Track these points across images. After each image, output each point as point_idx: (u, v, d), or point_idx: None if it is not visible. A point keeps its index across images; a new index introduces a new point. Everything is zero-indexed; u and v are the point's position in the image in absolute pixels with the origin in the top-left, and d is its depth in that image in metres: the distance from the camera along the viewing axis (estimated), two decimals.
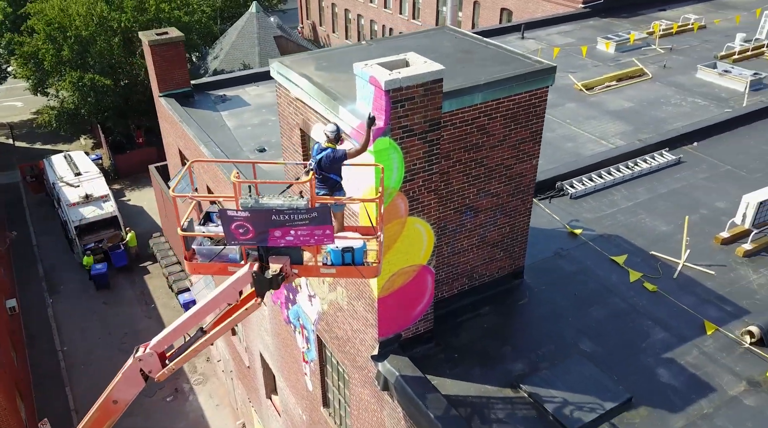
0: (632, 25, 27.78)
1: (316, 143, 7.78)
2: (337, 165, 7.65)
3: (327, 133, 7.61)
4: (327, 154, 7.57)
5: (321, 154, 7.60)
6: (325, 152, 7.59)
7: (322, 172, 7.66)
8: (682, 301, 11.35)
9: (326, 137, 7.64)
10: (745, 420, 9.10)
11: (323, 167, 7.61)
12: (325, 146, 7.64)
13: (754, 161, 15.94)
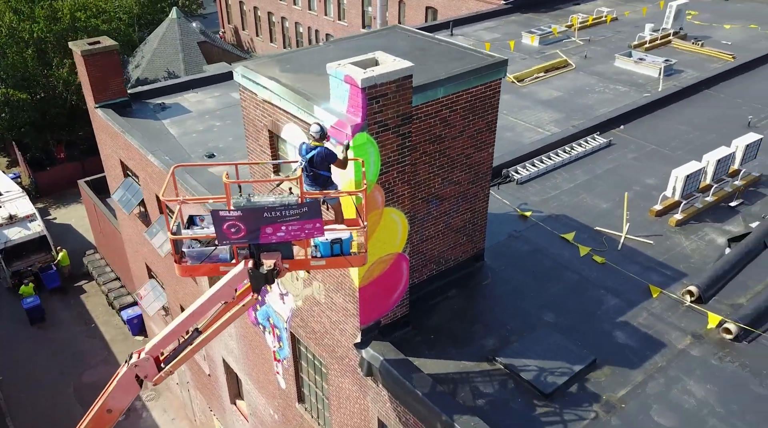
0: (551, 19, 29.34)
1: (303, 143, 8.09)
2: (327, 162, 8.00)
3: (313, 133, 7.93)
4: (318, 152, 7.90)
5: (311, 152, 7.93)
6: (316, 150, 7.92)
7: (312, 169, 7.98)
8: (628, 270, 12.40)
9: (313, 137, 7.96)
10: (693, 369, 10.16)
11: (315, 164, 7.94)
12: (313, 145, 7.97)
13: (674, 140, 17.43)
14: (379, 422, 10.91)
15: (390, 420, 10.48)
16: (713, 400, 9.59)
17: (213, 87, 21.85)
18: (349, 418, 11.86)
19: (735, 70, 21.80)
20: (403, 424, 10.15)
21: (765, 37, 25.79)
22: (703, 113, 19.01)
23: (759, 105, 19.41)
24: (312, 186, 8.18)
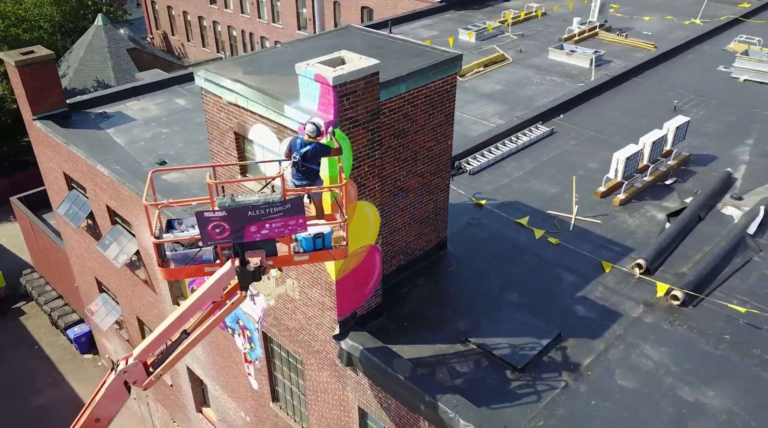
0: (484, 15, 30.34)
1: (297, 139, 8.29)
2: (319, 157, 8.26)
3: (309, 132, 8.16)
4: (313, 147, 8.14)
5: (306, 148, 8.16)
6: (310, 145, 8.16)
7: (305, 164, 8.21)
8: (581, 248, 13.20)
9: (308, 135, 8.18)
10: (648, 335, 11.00)
11: (308, 159, 8.17)
12: (308, 141, 8.20)
13: (610, 126, 18.52)
14: (359, 410, 11.23)
15: (371, 408, 10.82)
16: (668, 361, 10.43)
17: (156, 94, 21.51)
18: (328, 410, 12.12)
19: (658, 59, 23.28)
20: (384, 410, 10.51)
21: (681, 28, 27.59)
22: (633, 99, 20.25)
23: (682, 90, 20.84)
24: (302, 181, 8.41)
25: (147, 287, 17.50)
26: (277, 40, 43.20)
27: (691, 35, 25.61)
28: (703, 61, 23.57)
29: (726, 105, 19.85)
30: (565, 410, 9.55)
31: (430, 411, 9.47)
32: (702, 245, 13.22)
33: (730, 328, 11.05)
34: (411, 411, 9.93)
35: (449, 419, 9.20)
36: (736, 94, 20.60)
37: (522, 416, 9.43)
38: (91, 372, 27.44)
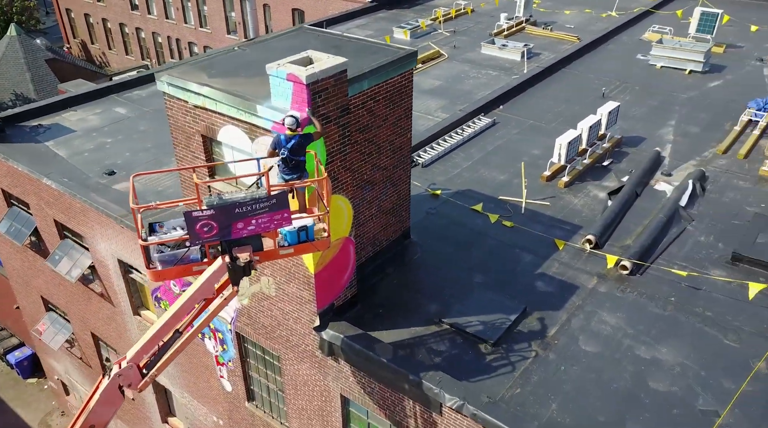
0: (415, 13, 31.15)
1: (280, 136, 8.54)
2: (304, 147, 8.56)
3: (289, 125, 8.43)
4: (297, 140, 8.42)
5: (291, 142, 8.42)
6: (294, 139, 8.44)
7: (293, 158, 8.49)
8: (534, 229, 14.05)
9: (290, 129, 8.45)
10: (604, 303, 11.91)
11: (295, 152, 8.45)
12: (291, 135, 8.47)
13: (546, 115, 19.61)
14: (341, 398, 11.59)
15: (354, 394, 11.21)
16: (624, 324, 11.35)
17: (93, 104, 20.98)
18: (308, 402, 12.41)
19: (582, 50, 24.71)
20: (368, 394, 10.93)
21: (599, 20, 29.32)
22: (564, 88, 21.48)
23: (607, 78, 22.27)
24: (291, 175, 8.69)
25: (103, 301, 17.15)
26: (206, 46, 42.58)
27: (610, 27, 27.28)
28: (622, 50, 25.21)
29: (647, 90, 21.38)
30: (538, 377, 10.27)
31: (415, 390, 9.97)
32: (641, 219, 14.33)
33: (674, 291, 12.12)
34: (395, 392, 10.39)
35: (434, 395, 9.73)
36: (655, 80, 22.21)
37: (500, 386, 10.08)
38: (36, 396, 26.38)
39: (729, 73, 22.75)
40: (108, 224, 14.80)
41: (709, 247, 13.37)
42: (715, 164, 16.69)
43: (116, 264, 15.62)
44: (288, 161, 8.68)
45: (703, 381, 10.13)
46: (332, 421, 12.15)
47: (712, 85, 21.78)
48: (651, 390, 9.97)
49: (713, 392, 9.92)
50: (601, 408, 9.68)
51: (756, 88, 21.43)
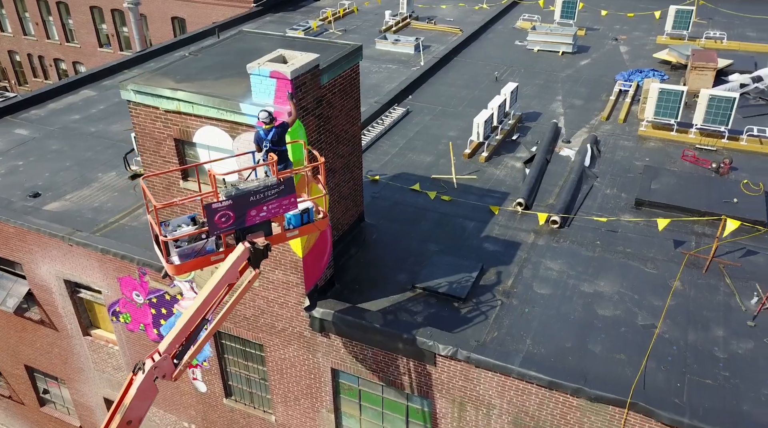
0: (302, 15, 32.01)
1: (257, 131, 9.20)
2: (284, 136, 9.28)
3: (263, 119, 9.12)
4: (275, 131, 9.13)
5: (270, 133, 9.12)
6: (272, 131, 9.14)
7: (275, 148, 9.19)
8: (469, 200, 15.66)
9: (265, 122, 9.14)
10: (544, 253, 13.73)
11: (276, 142, 9.15)
12: (267, 128, 9.17)
13: (452, 100, 21.43)
14: (332, 371, 12.45)
15: (345, 364, 12.13)
16: (565, 268, 13.22)
17: None
18: (295, 384, 13.11)
19: (467, 40, 26.96)
20: (360, 362, 11.90)
21: (473, 12, 31.92)
22: (461, 75, 23.47)
23: (495, 63, 24.59)
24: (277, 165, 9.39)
25: (42, 328, 16.51)
26: (76, 61, 40.40)
27: (485, 18, 29.87)
28: (501, 38, 27.80)
29: (531, 71, 23.94)
30: (508, 320, 11.81)
31: (409, 347, 11.11)
32: (557, 181, 16.44)
33: (598, 236, 14.23)
34: (389, 353, 11.46)
35: (428, 347, 10.93)
36: (536, 62, 24.88)
37: (480, 332, 11.48)
38: None
39: (594, 53, 25.98)
40: (52, 244, 14.43)
41: (615, 197, 15.71)
42: (602, 129, 19.32)
43: (62, 286, 15.20)
44: (275, 152, 9.41)
45: (637, 303, 12.19)
46: (321, 396, 12.96)
47: (583, 64, 24.81)
48: (600, 316, 11.86)
49: (647, 309, 12.00)
50: (566, 337, 11.40)
51: (618, 63, 24.73)
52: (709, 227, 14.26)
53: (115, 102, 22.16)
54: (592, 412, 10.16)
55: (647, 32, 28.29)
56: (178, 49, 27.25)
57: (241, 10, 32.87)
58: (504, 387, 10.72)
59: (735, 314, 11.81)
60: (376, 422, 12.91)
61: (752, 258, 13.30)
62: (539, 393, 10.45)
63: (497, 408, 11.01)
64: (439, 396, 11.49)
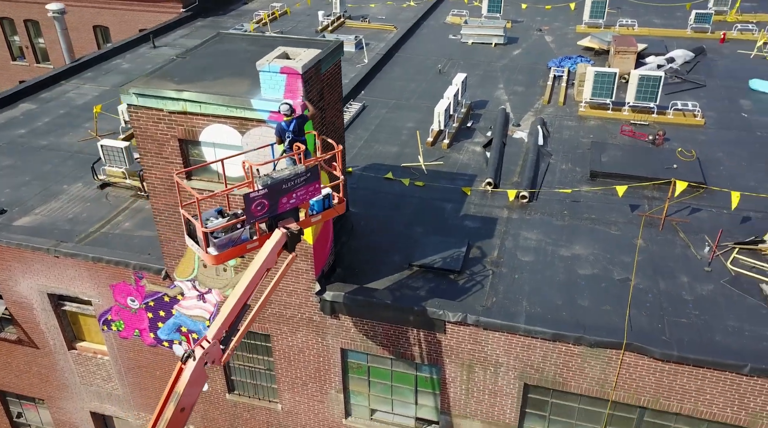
0: (233, 19, 32.01)
1: (279, 124, 9.73)
2: (302, 128, 9.87)
3: (284, 112, 9.69)
4: (296, 123, 9.71)
5: (291, 125, 9.68)
6: (293, 122, 9.71)
7: (297, 139, 9.76)
8: (441, 183, 16.68)
9: (286, 115, 9.70)
10: (520, 225, 14.92)
11: (297, 133, 9.72)
12: (288, 120, 9.73)
13: (403, 93, 22.41)
14: (341, 351, 13.09)
15: (355, 343, 12.80)
16: (542, 237, 14.48)
17: None
18: (304, 369, 13.63)
19: (405, 36, 28.05)
20: (371, 338, 12.61)
21: (402, 10, 33.09)
22: (406, 70, 24.51)
23: (435, 57, 25.80)
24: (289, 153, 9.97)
25: (19, 348, 16.04)
26: None
27: (416, 15, 31.08)
28: (435, 33, 29.09)
29: (470, 63, 25.33)
30: (503, 287, 12.89)
31: (420, 318, 11.95)
32: (516, 161, 17.76)
33: (564, 207, 15.61)
34: (399, 327, 12.25)
35: (439, 316, 11.81)
36: (472, 54, 26.32)
37: (480, 300, 12.49)
38: None
39: (523, 43, 27.76)
40: (35, 258, 14.16)
41: (571, 171, 17.21)
42: (546, 112, 20.91)
43: (44, 300, 14.89)
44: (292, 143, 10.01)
45: (610, 261, 13.61)
46: (330, 377, 13.55)
47: (516, 53, 26.50)
48: (582, 275, 13.18)
49: (619, 266, 13.44)
50: (556, 296, 12.61)
51: (546, 51, 26.59)
52: (657, 191, 15.98)
53: (60, 114, 21.58)
54: (591, 357, 11.40)
55: (566, 23, 30.48)
56: (113, 58, 26.73)
57: (168, 16, 32.39)
58: (510, 344, 11.78)
59: (693, 263, 13.47)
60: (384, 396, 13.66)
61: (697, 214, 15.11)
62: (543, 347, 11.59)
63: (504, 365, 12.07)
64: (449, 362, 12.41)
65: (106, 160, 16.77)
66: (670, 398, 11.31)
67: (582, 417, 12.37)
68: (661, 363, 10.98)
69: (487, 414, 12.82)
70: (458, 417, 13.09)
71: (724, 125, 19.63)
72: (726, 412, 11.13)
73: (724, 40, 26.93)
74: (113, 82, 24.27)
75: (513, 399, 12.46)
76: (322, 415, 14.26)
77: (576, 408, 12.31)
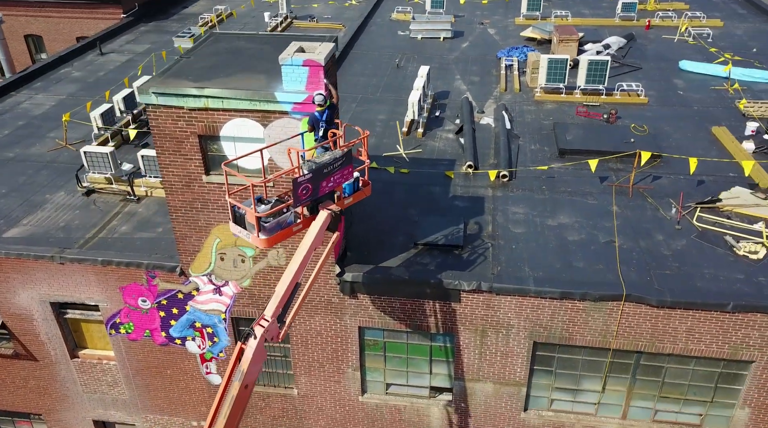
0: (177, 23, 31.75)
1: (312, 114, 10.34)
2: (332, 117, 10.53)
3: (319, 102, 10.33)
4: (328, 113, 10.37)
5: (324, 115, 10.32)
6: (326, 112, 10.36)
7: (329, 127, 10.40)
8: (424, 169, 17.61)
9: (320, 104, 10.34)
10: (506, 202, 16.06)
11: (329, 122, 10.37)
12: (321, 110, 10.36)
13: (367, 88, 23.19)
14: (359, 330, 13.77)
15: (373, 320, 13.52)
16: (528, 210, 15.68)
17: None
18: (321, 351, 14.20)
19: (355, 34, 28.78)
20: (388, 314, 13.37)
21: (346, 9, 33.84)
22: (365, 65, 25.29)
23: (389, 52, 26.73)
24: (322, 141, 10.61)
25: (16, 362, 15.70)
26: None
27: (362, 13, 31.89)
28: (383, 30, 30.01)
29: (424, 57, 26.42)
30: (503, 257, 13.96)
31: (437, 290, 12.83)
32: (488, 145, 18.96)
33: (542, 182, 16.91)
34: (416, 300, 13.08)
35: (455, 286, 12.74)
36: (424, 48, 27.43)
37: (487, 269, 13.50)
38: None
39: (469, 36, 29.16)
40: (37, 267, 14.00)
41: (541, 151, 18.58)
42: (505, 99, 22.27)
43: (46, 310, 14.71)
44: (326, 132, 10.68)
45: (593, 227, 14.98)
46: (347, 357, 14.20)
47: (464, 46, 27.84)
48: (571, 241, 14.47)
49: (603, 231, 14.83)
50: (553, 260, 13.82)
51: (492, 43, 28.09)
52: (620, 163, 17.58)
53: (20, 125, 21.00)
54: (594, 310, 12.66)
55: (504, 15, 32.18)
56: (60, 66, 26.04)
57: (108, 22, 31.67)
58: (521, 307, 12.87)
59: (664, 223, 15.05)
60: (399, 369, 14.45)
61: (659, 181, 16.78)
62: (551, 305, 12.75)
63: (515, 327, 13.15)
64: (463, 329, 13.36)
65: (89, 167, 16.64)
66: (664, 340, 12.74)
67: (585, 368, 13.64)
68: (656, 309, 12.38)
69: (499, 376, 13.87)
70: (471, 381, 14.07)
71: (664, 102, 21.64)
72: (712, 347, 12.67)
73: (649, 27, 29.34)
74: (68, 91, 23.75)
75: (523, 359, 13.57)
76: (339, 395, 14.88)
77: (580, 360, 13.57)
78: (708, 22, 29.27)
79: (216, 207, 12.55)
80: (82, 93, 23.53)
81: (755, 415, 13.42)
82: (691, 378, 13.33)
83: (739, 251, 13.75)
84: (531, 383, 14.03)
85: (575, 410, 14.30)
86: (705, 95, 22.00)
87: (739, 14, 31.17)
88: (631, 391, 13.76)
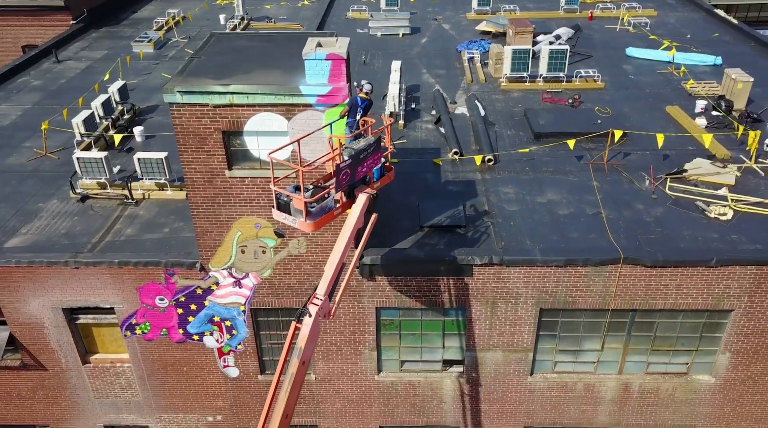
0: (129, 28, 31.34)
1: (355, 98, 11.01)
2: (368, 108, 11.23)
3: (367, 91, 11.07)
4: (367, 103, 11.06)
5: (365, 103, 11.01)
6: (366, 101, 11.06)
7: (364, 115, 11.07)
8: (413, 159, 18.46)
9: (366, 93, 11.06)
10: (496, 183, 17.12)
11: (365, 111, 11.05)
12: (365, 98, 11.08)
13: None
14: (376, 311, 14.46)
15: (390, 300, 14.24)
16: (518, 190, 16.77)
17: None
18: (338, 335, 14.81)
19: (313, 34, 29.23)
20: (404, 293, 14.13)
21: (300, 9, 34.25)
22: None
23: (352, 49, 27.32)
24: (352, 130, 11.28)
25: (24, 373, 15.49)
26: None
27: (318, 12, 32.42)
28: (341, 28, 30.63)
29: (387, 53, 27.26)
30: (505, 233, 14.98)
31: (451, 267, 13.70)
32: (467, 132, 19.99)
33: (525, 164, 18.08)
34: (431, 278, 13.90)
35: (467, 261, 13.64)
36: (386, 45, 28.28)
37: (490, 244, 14.48)
38: None
39: (426, 32, 30.22)
40: (50, 274, 13.95)
41: (517, 136, 19.78)
42: (473, 89, 23.40)
43: (59, 316, 14.63)
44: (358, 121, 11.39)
45: (579, 201, 16.24)
46: (364, 338, 14.87)
47: (424, 41, 28.87)
48: (562, 215, 15.66)
49: (587, 204, 16.11)
50: (549, 232, 14.95)
51: (450, 37, 29.25)
52: (591, 143, 18.99)
53: None
54: (595, 275, 13.86)
55: (455, 11, 33.45)
56: (16, 76, 25.33)
57: (56, 29, 30.83)
58: (529, 276, 13.92)
59: (641, 194, 16.49)
60: (414, 346, 15.23)
61: (629, 157, 18.27)
62: (556, 273, 13.86)
63: (523, 296, 14.19)
64: (475, 302, 14.28)
65: (82, 172, 16.56)
66: (656, 297, 14.10)
67: (586, 329, 14.86)
68: (649, 269, 13.70)
69: (508, 343, 14.90)
70: (482, 351, 15.03)
71: (619, 86, 23.35)
72: (698, 300, 14.13)
73: (591, 18, 31.29)
74: (32, 100, 23.22)
75: (530, 325, 14.65)
76: (356, 376, 15.53)
77: (581, 322, 14.77)
78: (644, 12, 31.50)
79: (238, 201, 12.95)
80: (47, 101, 23.04)
81: (734, 358, 15.01)
82: (679, 330, 14.77)
83: (710, 214, 15.31)
84: (537, 348, 15.13)
85: (576, 370, 15.51)
86: (653, 79, 23.87)
87: (669, 4, 33.66)
88: (627, 347, 15.09)
